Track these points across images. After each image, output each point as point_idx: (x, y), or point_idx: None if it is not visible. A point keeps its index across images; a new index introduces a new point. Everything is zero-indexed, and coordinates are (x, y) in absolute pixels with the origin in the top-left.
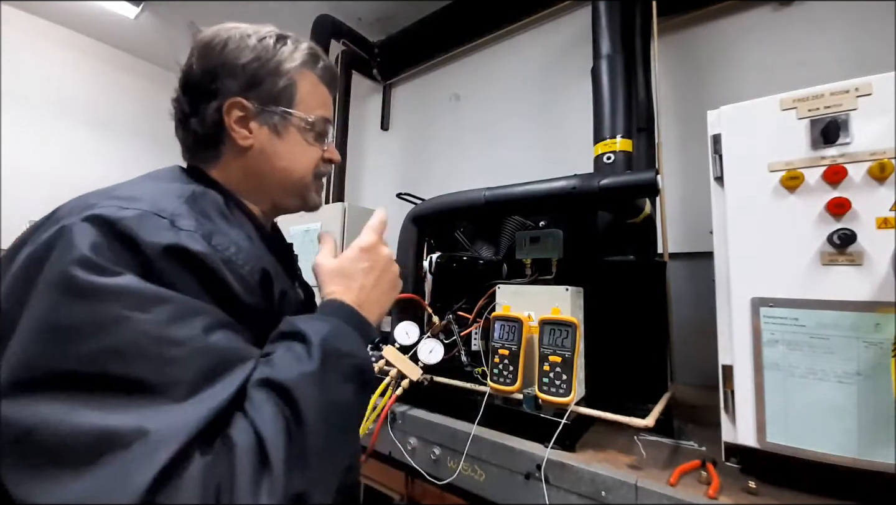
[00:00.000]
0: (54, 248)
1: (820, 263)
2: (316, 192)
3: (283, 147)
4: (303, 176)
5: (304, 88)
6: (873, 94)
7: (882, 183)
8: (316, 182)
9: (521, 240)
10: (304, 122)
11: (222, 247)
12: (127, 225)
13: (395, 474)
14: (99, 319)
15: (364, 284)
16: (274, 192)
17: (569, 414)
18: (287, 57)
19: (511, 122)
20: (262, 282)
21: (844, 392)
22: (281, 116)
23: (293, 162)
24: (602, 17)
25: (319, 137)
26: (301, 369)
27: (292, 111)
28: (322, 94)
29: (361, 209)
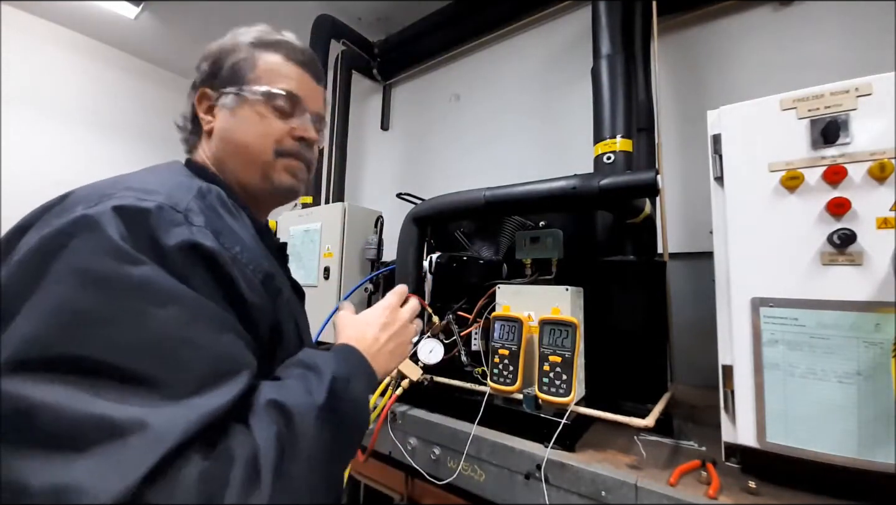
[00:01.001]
0: (76, 236)
1: (820, 263)
2: (285, 172)
3: (238, 123)
4: (259, 151)
5: (263, 66)
6: (873, 94)
7: (882, 183)
8: (282, 160)
9: (521, 240)
10: (259, 96)
11: (229, 244)
12: (149, 217)
13: (395, 474)
14: (120, 310)
15: (378, 337)
16: (238, 173)
17: (569, 414)
18: (240, 41)
19: (511, 122)
20: (265, 281)
21: (844, 392)
22: (235, 95)
23: (246, 136)
24: (602, 17)
25: (281, 112)
26: (309, 401)
27: (244, 87)
28: (286, 70)
29: (361, 209)
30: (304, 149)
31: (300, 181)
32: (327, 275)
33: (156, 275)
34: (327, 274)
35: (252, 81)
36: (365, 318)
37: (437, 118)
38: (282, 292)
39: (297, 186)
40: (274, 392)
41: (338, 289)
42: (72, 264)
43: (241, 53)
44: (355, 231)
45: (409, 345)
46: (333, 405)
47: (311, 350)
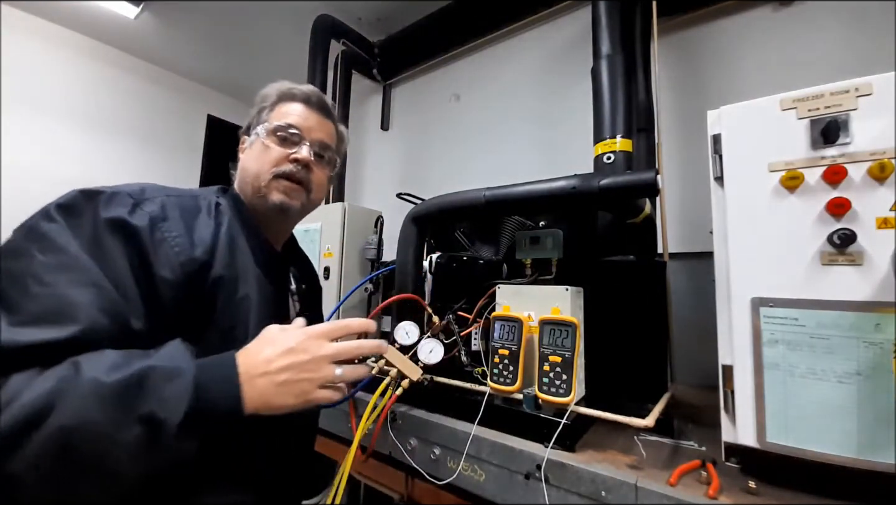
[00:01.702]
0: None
1: (820, 263)
2: (279, 192)
3: (250, 154)
4: (258, 172)
5: (276, 111)
6: (873, 94)
7: (882, 183)
8: (277, 182)
9: (521, 240)
10: (265, 131)
11: (165, 229)
12: (100, 197)
13: (395, 474)
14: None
15: (272, 360)
16: (247, 194)
17: (569, 414)
18: (265, 97)
19: (511, 122)
20: (199, 270)
21: (844, 392)
22: (254, 135)
23: (252, 162)
24: (602, 17)
25: (281, 140)
26: (99, 376)
27: (259, 126)
28: (289, 108)
29: (361, 209)
30: (300, 170)
31: (293, 200)
32: (327, 275)
33: (56, 231)
34: (327, 274)
35: (266, 122)
36: (279, 335)
37: (437, 118)
38: (246, 297)
39: (288, 203)
40: (89, 356)
41: (338, 289)
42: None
43: (265, 103)
44: (355, 231)
45: (316, 385)
46: (127, 391)
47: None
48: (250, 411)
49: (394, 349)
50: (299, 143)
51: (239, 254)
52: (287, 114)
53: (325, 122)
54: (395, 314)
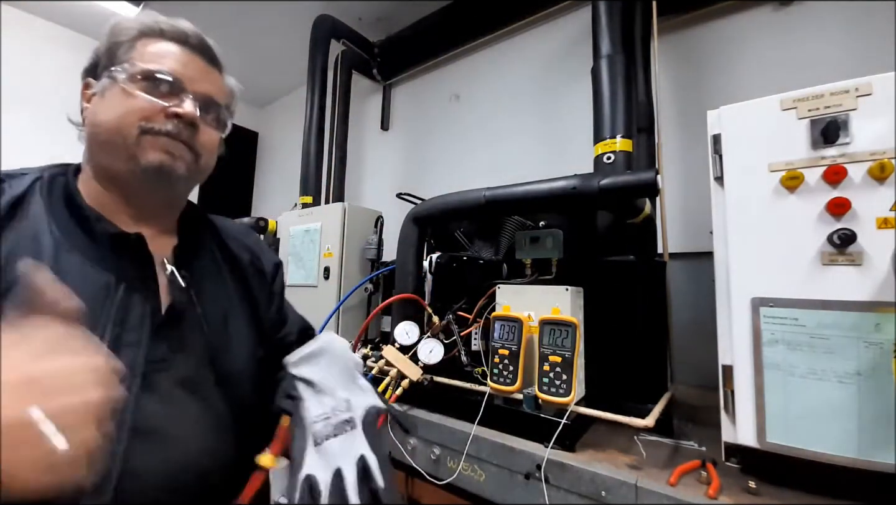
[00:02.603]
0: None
1: (820, 263)
2: (152, 148)
3: (104, 104)
4: (118, 126)
5: (139, 49)
6: (873, 94)
7: (882, 183)
8: (151, 138)
9: (521, 240)
10: (127, 75)
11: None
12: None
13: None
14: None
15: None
16: (102, 158)
17: (569, 414)
18: (122, 29)
19: (511, 122)
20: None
21: (844, 392)
22: (107, 79)
23: (108, 114)
24: (602, 17)
25: (154, 90)
26: None
27: (114, 68)
28: (161, 48)
29: (361, 209)
30: (181, 130)
31: (176, 160)
32: (327, 275)
33: None
34: (327, 274)
35: (127, 63)
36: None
37: (437, 118)
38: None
39: (170, 165)
40: None
41: (338, 289)
42: None
43: (122, 37)
44: (355, 231)
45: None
46: None
47: None
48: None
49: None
50: (179, 95)
51: (18, 247)
52: (158, 55)
53: (211, 71)
54: (395, 314)
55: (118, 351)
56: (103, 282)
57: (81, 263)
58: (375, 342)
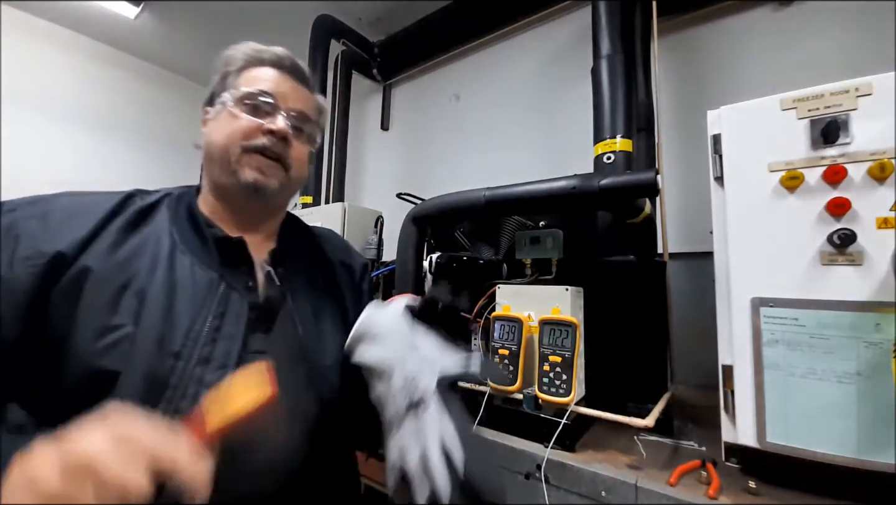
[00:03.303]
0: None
1: (820, 263)
2: (249, 168)
3: (215, 126)
4: (226, 146)
5: (244, 76)
6: (873, 94)
7: (882, 183)
8: (249, 156)
9: (521, 240)
10: (232, 99)
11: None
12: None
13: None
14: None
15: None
16: (213, 173)
17: (569, 414)
18: (230, 60)
19: (511, 122)
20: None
21: (844, 392)
22: (219, 105)
23: (218, 135)
24: (602, 17)
25: (252, 109)
26: None
27: (223, 93)
28: (259, 72)
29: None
30: (275, 144)
31: (269, 178)
32: None
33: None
34: None
35: (234, 89)
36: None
37: (437, 118)
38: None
39: (263, 182)
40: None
41: None
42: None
43: (231, 67)
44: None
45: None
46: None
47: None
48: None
49: None
50: (273, 112)
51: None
52: (257, 79)
53: (301, 90)
54: None
55: (216, 341)
56: (208, 279)
57: (192, 263)
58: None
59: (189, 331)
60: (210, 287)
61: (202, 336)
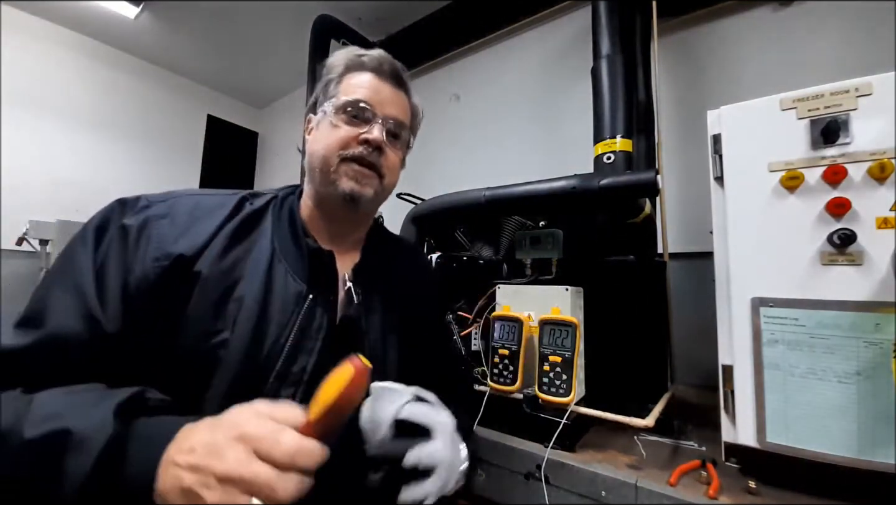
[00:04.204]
0: None
1: (820, 263)
2: (346, 177)
3: (317, 136)
4: (325, 155)
5: (345, 83)
6: (873, 94)
7: (882, 183)
8: (346, 166)
9: (521, 240)
10: (333, 108)
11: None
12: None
13: None
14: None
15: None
16: (315, 182)
17: (569, 414)
18: (332, 68)
19: (511, 122)
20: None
21: (844, 392)
22: (321, 113)
23: (320, 144)
24: (602, 17)
25: (351, 118)
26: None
27: (326, 102)
28: (360, 79)
29: None
30: (372, 153)
31: (364, 187)
32: None
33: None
34: None
35: (334, 98)
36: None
37: (437, 118)
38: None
39: (359, 192)
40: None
41: None
42: None
43: (332, 74)
44: None
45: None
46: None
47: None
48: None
49: None
50: (371, 120)
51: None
52: (357, 87)
53: (399, 94)
54: None
55: (296, 355)
56: (298, 291)
57: (286, 272)
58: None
59: (274, 344)
60: (298, 299)
61: (284, 351)
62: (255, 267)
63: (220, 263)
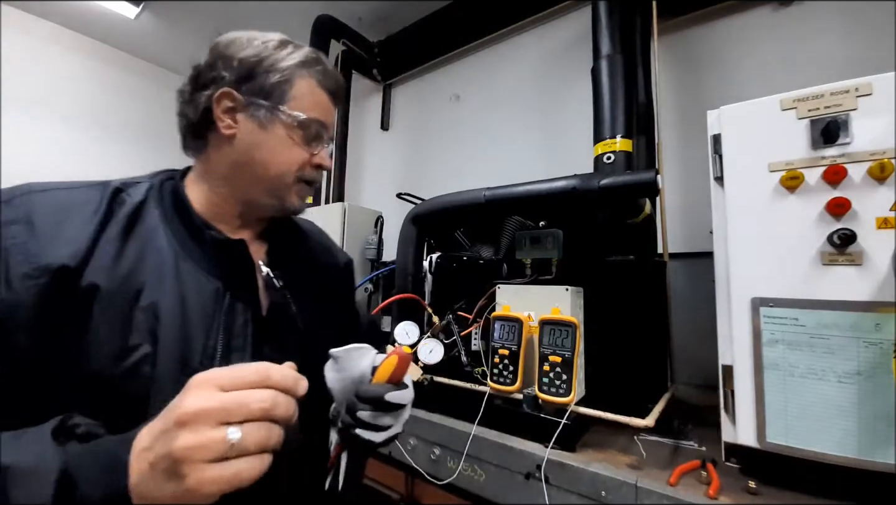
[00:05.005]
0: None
1: (820, 263)
2: (297, 196)
3: (266, 141)
4: (282, 174)
5: (299, 89)
6: (873, 94)
7: (882, 183)
8: (299, 185)
9: (521, 240)
10: (293, 121)
11: (11, 235)
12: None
13: (396, 474)
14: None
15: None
16: (251, 186)
17: (569, 414)
18: (285, 56)
19: (511, 122)
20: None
21: (844, 392)
22: (268, 111)
23: (273, 157)
24: (602, 17)
25: (309, 140)
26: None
27: (281, 107)
28: (319, 98)
29: (361, 209)
30: (318, 175)
31: (304, 203)
32: None
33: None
34: None
35: (288, 102)
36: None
37: (437, 118)
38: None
39: (301, 209)
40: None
41: None
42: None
43: (280, 66)
44: (355, 231)
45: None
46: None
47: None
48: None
49: None
50: (322, 141)
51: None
52: (316, 105)
53: (336, 111)
54: (395, 314)
55: (229, 357)
56: (213, 289)
57: (195, 271)
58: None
59: (205, 348)
60: (216, 298)
61: (217, 353)
62: (157, 270)
63: (116, 271)
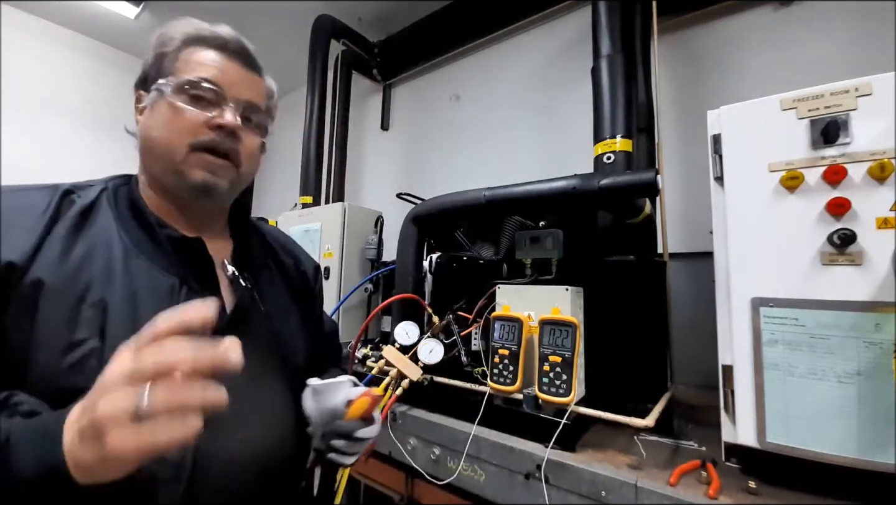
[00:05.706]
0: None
1: (820, 263)
2: (200, 168)
3: (155, 119)
4: (172, 145)
5: (183, 58)
6: (873, 94)
7: (882, 183)
8: (197, 155)
9: (521, 240)
10: (171, 88)
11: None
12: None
13: (396, 474)
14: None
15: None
16: (155, 169)
17: (569, 414)
18: (166, 40)
19: (511, 122)
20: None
21: (844, 392)
22: (156, 92)
23: (162, 131)
24: (602, 17)
25: (195, 100)
26: None
27: (161, 80)
28: (202, 57)
29: (361, 209)
30: (225, 139)
31: (220, 178)
32: (327, 275)
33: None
34: (327, 274)
35: (172, 74)
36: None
37: (437, 118)
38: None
39: (214, 183)
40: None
41: (338, 289)
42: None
43: (167, 48)
44: (355, 231)
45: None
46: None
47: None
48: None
49: (394, 349)
50: (219, 103)
51: (93, 253)
52: (198, 64)
53: (251, 76)
54: (395, 314)
55: None
56: (168, 284)
57: (148, 268)
58: (375, 342)
59: None
60: (171, 294)
61: None
62: (106, 267)
63: (63, 267)
